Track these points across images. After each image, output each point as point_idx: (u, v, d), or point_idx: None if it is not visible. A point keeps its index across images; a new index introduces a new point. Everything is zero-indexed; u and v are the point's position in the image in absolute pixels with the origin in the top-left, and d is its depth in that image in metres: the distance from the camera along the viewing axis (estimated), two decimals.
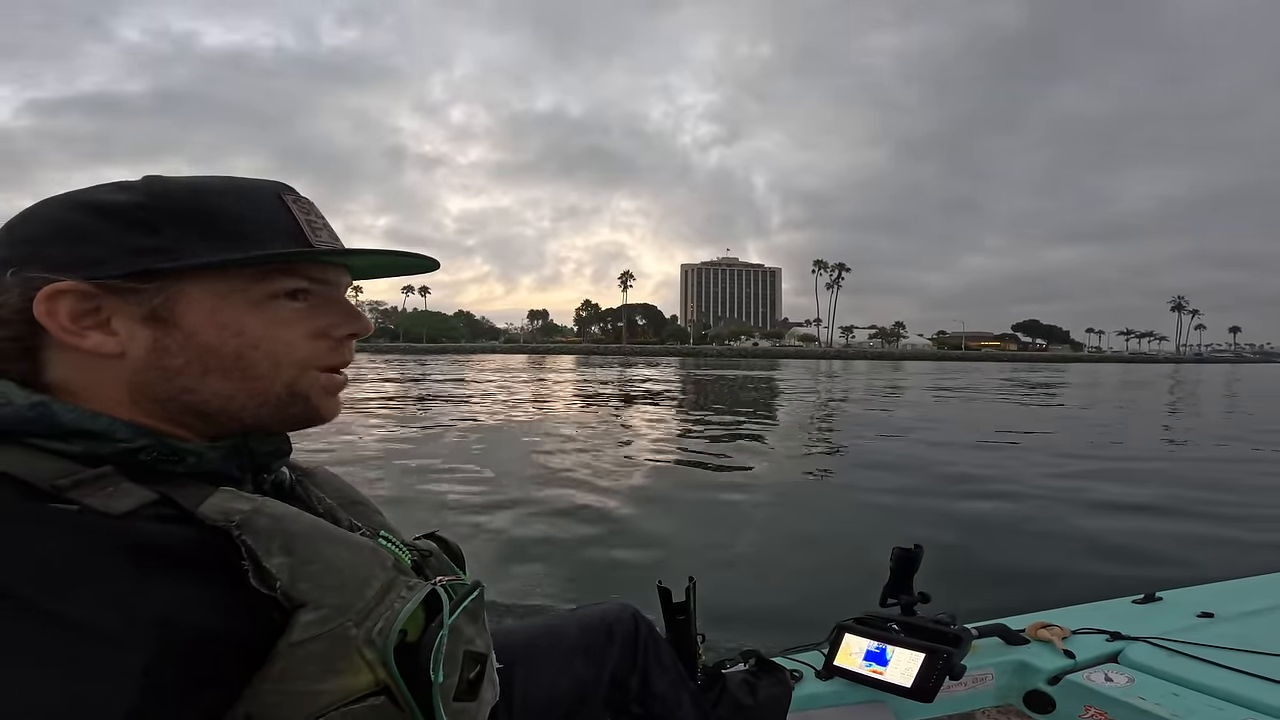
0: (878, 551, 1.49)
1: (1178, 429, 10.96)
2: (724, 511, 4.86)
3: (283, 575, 0.45)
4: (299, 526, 0.49)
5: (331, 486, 0.68)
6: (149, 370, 0.50)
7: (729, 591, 3.13)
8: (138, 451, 0.48)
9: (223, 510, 0.46)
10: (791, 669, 1.35)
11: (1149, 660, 1.35)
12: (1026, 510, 4.89)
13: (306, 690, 0.44)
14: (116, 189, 0.51)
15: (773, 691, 1.22)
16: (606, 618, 1.01)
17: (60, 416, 0.46)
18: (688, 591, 1.22)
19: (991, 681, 1.38)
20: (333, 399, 0.58)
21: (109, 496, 0.44)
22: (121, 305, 0.49)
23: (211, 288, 0.51)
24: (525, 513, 4.64)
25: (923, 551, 1.38)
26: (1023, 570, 3.56)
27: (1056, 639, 1.43)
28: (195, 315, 0.50)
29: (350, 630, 0.46)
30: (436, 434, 8.67)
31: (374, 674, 0.46)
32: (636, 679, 0.98)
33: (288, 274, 0.53)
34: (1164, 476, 6.39)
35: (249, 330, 0.52)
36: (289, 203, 0.55)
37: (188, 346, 0.50)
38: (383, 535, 0.62)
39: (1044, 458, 7.31)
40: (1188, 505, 5.14)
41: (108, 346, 0.49)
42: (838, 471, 6.54)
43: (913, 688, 1.23)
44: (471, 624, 0.57)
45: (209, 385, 0.51)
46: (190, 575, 0.43)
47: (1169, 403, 15.73)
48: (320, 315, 0.56)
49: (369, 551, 0.52)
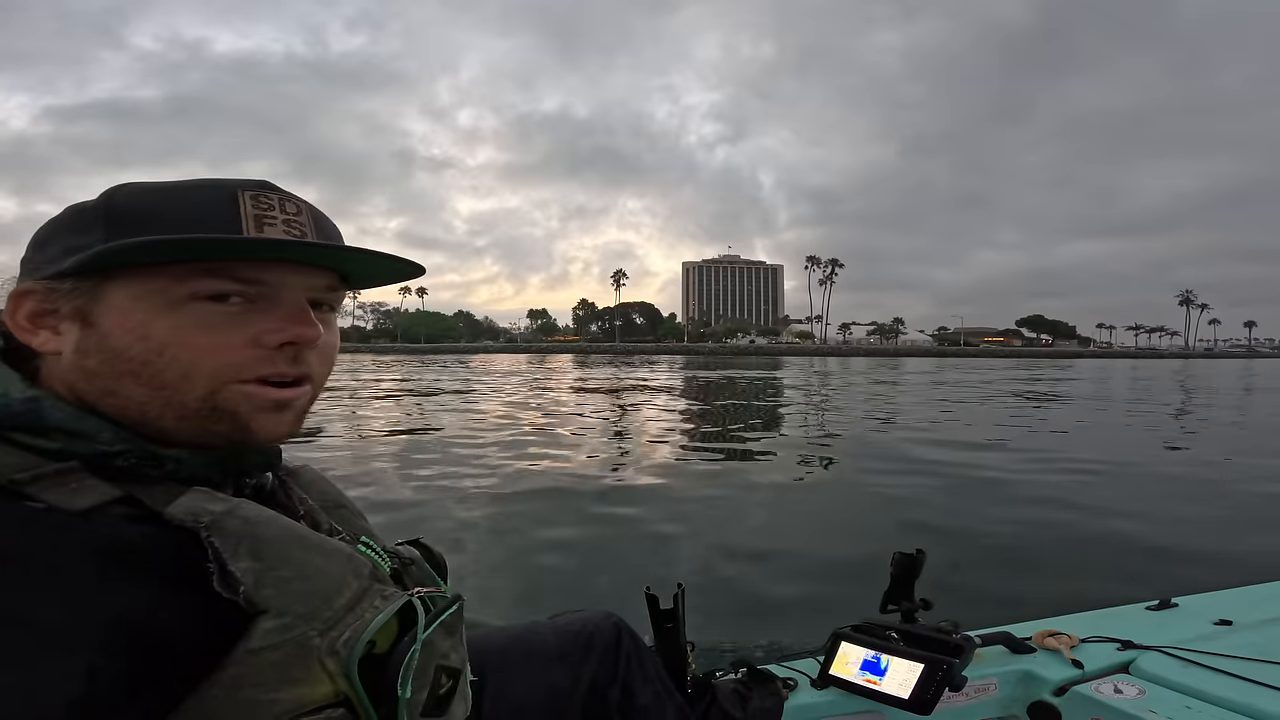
0: (880, 556, 1.43)
1: (1189, 426, 10.78)
2: (716, 515, 4.76)
3: (247, 580, 0.44)
4: (271, 531, 0.48)
5: (315, 489, 0.67)
6: (73, 370, 0.50)
7: (721, 597, 3.06)
8: (115, 455, 0.48)
9: (192, 511, 0.46)
10: (785, 677, 1.30)
11: (1162, 671, 1.29)
12: (1036, 514, 4.76)
13: (259, 699, 0.43)
14: (100, 196, 0.52)
15: (764, 704, 1.19)
16: (587, 626, 0.98)
17: (47, 414, 0.47)
18: (676, 598, 1.18)
19: (994, 692, 1.33)
20: (273, 415, 0.53)
21: (71, 493, 0.44)
22: (59, 303, 0.50)
23: (130, 289, 0.49)
24: (506, 514, 4.56)
25: (925, 556, 1.32)
26: (1030, 576, 3.45)
27: (1064, 647, 1.37)
28: (110, 317, 0.49)
29: (313, 640, 0.45)
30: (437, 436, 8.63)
31: (334, 685, 0.45)
32: (617, 690, 0.94)
33: (211, 275, 0.49)
34: (1178, 476, 6.24)
35: (154, 335, 0.49)
36: (246, 197, 0.51)
37: (101, 348, 0.50)
38: (363, 541, 0.61)
39: (1050, 458, 7.15)
40: (1205, 507, 4.99)
41: (49, 345, 0.50)
42: (835, 473, 6.42)
43: (910, 699, 1.18)
44: (447, 638, 0.55)
45: (124, 390, 0.50)
46: (150, 576, 0.43)
47: (1174, 402, 15.63)
48: (253, 321, 0.51)
49: (344, 559, 0.51)
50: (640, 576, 1.34)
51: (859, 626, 1.32)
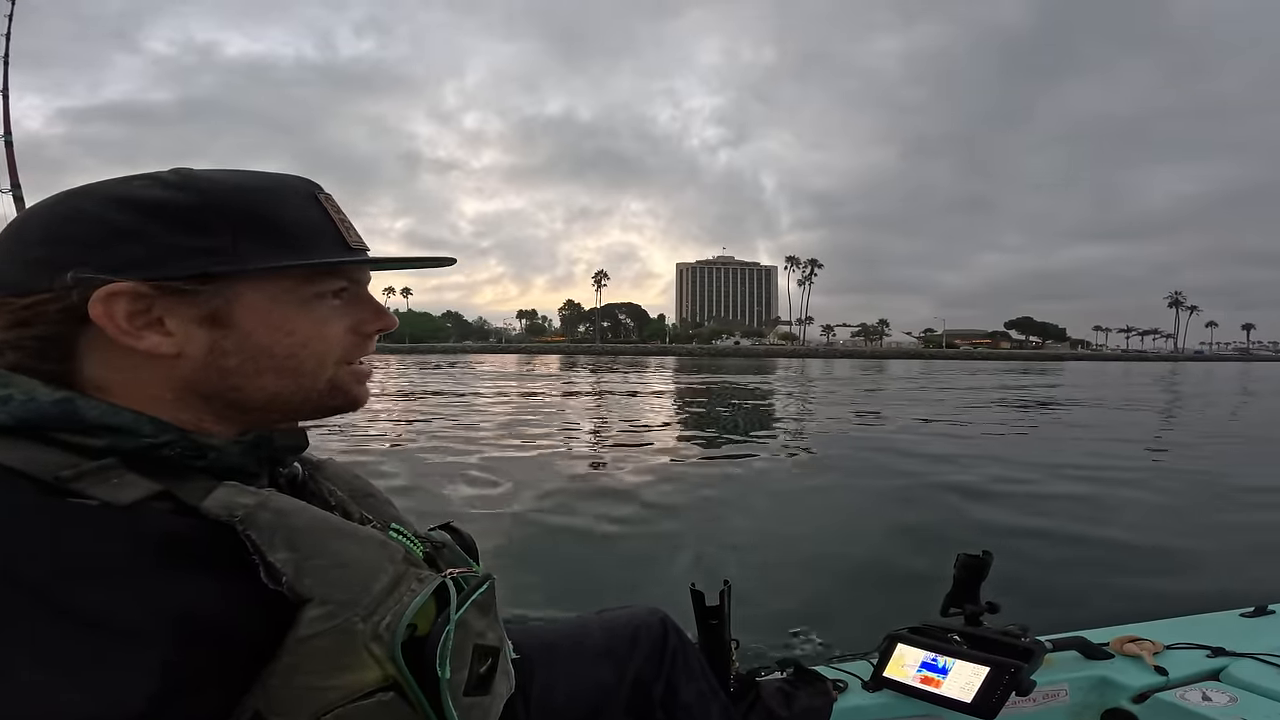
0: (941, 561, 1.38)
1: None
2: (763, 512, 4.71)
3: (288, 570, 0.45)
4: (303, 521, 0.48)
5: (342, 479, 0.68)
6: (204, 370, 0.51)
7: (768, 597, 2.97)
8: (161, 446, 0.48)
9: (226, 505, 0.46)
10: (835, 679, 1.26)
11: (1256, 678, 1.21)
12: (1105, 518, 4.51)
13: (314, 686, 0.44)
14: (153, 183, 0.50)
15: (811, 703, 1.17)
16: (633, 621, 0.99)
17: (84, 412, 0.47)
18: (722, 595, 1.17)
19: (1065, 698, 1.26)
20: (364, 386, 0.60)
21: (114, 488, 0.44)
22: (176, 306, 0.49)
23: (266, 290, 0.52)
24: (542, 514, 4.55)
25: (992, 558, 1.26)
26: (1103, 582, 3.21)
27: (1146, 654, 1.29)
28: (251, 317, 0.52)
29: (357, 625, 0.46)
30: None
31: (382, 669, 0.46)
32: (661, 686, 0.95)
33: (332, 275, 0.56)
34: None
35: (299, 330, 0.54)
36: (322, 202, 0.57)
37: (244, 347, 0.52)
38: (394, 528, 0.62)
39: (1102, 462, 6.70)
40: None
41: (164, 347, 0.49)
42: (887, 476, 6.11)
43: (973, 703, 1.13)
44: (482, 617, 0.56)
45: (259, 383, 0.53)
46: (205, 569, 0.44)
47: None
48: (353, 312, 0.58)
49: (378, 545, 0.51)
50: (684, 574, 1.26)
51: (916, 629, 1.27)
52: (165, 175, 0.51)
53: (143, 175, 0.52)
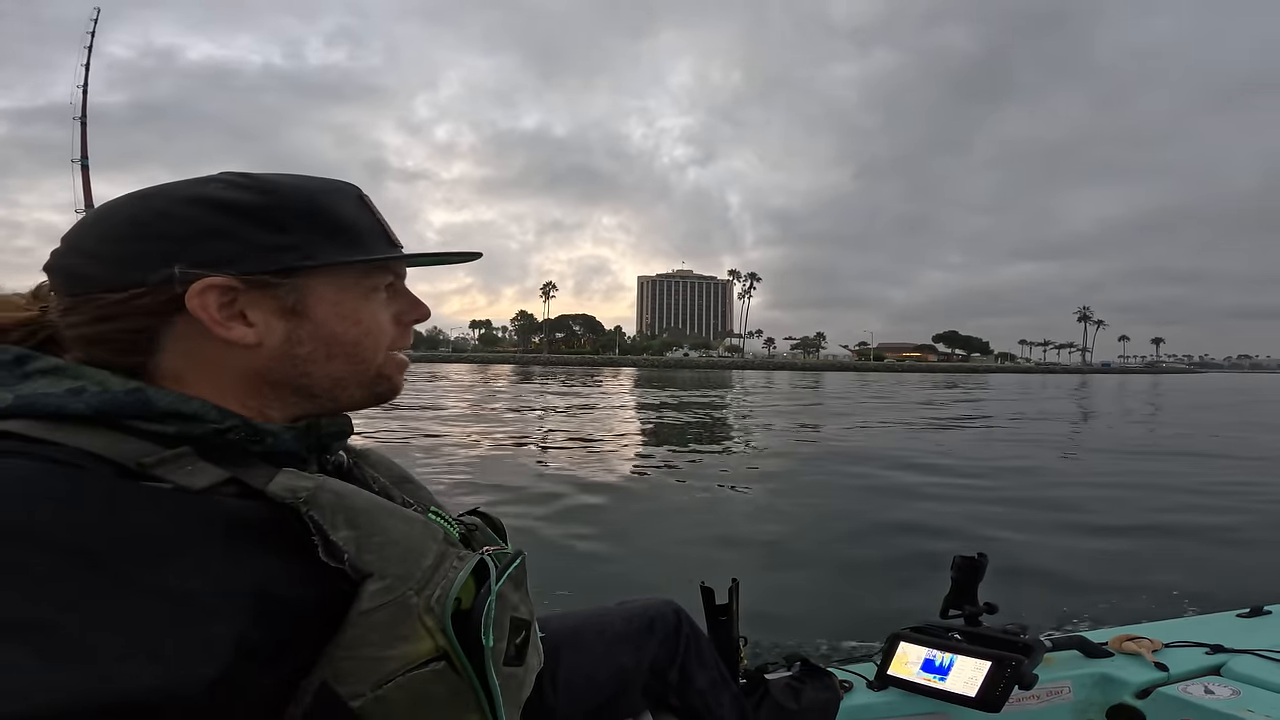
0: (938, 564, 1.41)
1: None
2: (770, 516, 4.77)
3: (349, 548, 0.47)
4: (360, 502, 0.51)
5: (384, 466, 0.72)
6: (280, 358, 0.55)
7: (775, 600, 3.00)
8: (226, 431, 0.51)
9: (289, 488, 0.48)
10: (841, 679, 1.26)
11: (1257, 673, 1.22)
12: (1099, 521, 4.59)
13: (375, 656, 0.46)
14: (228, 185, 0.53)
15: (819, 697, 1.20)
16: (649, 611, 1.03)
17: (156, 400, 0.49)
18: (730, 592, 1.20)
19: (1069, 694, 1.28)
20: (402, 374, 0.65)
21: (189, 474, 0.46)
22: (260, 299, 0.53)
23: (335, 283, 0.57)
24: (550, 517, 4.61)
25: (987, 560, 1.30)
26: (1100, 584, 3.23)
27: (1146, 651, 1.32)
28: (323, 308, 0.56)
29: (412, 599, 0.48)
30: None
31: (434, 640, 0.49)
32: (675, 672, 0.99)
33: (383, 270, 0.61)
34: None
35: (364, 319, 0.59)
36: (367, 202, 0.62)
37: (316, 335, 0.56)
38: (433, 510, 0.65)
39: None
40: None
41: (249, 337, 0.53)
42: (883, 477, 6.26)
43: (977, 697, 1.15)
44: (515, 591, 0.59)
45: (327, 369, 0.57)
46: (272, 548, 0.46)
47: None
48: (397, 303, 0.63)
49: (422, 525, 0.54)
50: (695, 572, 1.28)
51: (919, 628, 1.30)
52: (234, 178, 0.55)
53: (213, 178, 0.55)
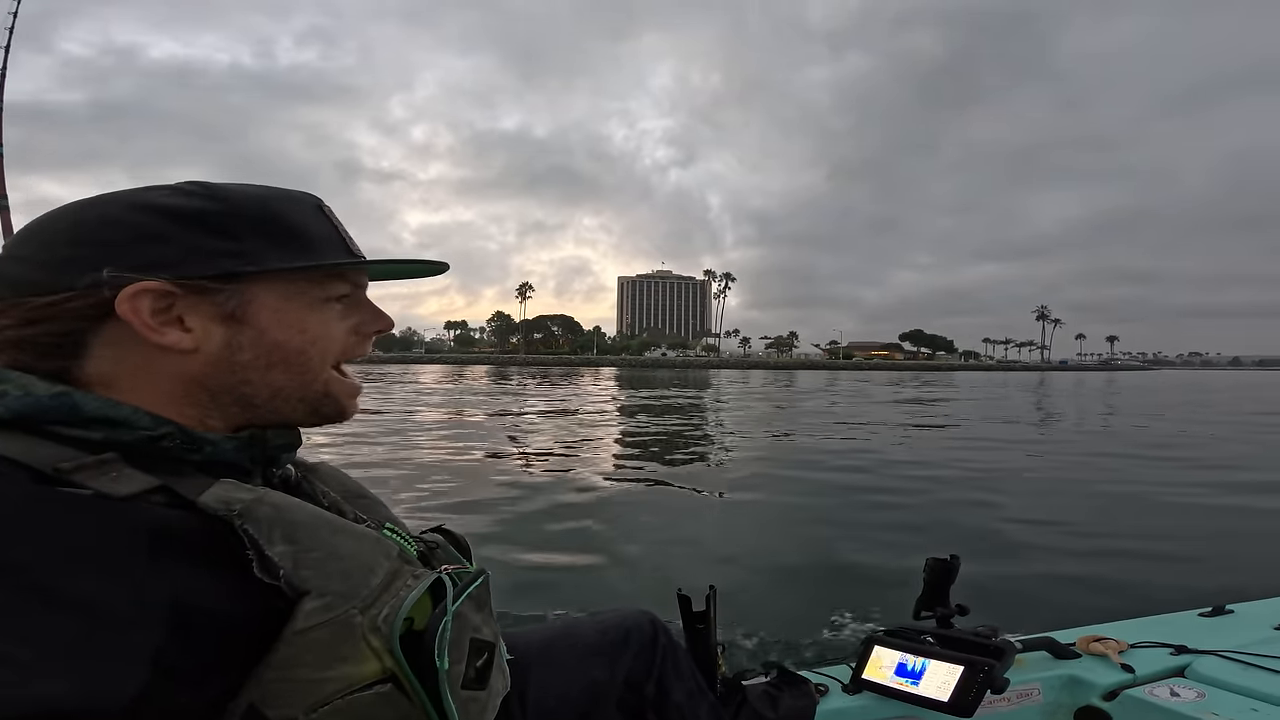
0: (911, 565, 1.43)
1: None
2: (742, 522, 4.79)
3: (285, 563, 0.46)
4: (301, 516, 0.49)
5: (335, 481, 0.69)
6: (217, 365, 0.53)
7: (751, 605, 2.94)
8: (160, 439, 0.49)
9: (223, 499, 0.47)
10: (816, 683, 1.27)
11: (1221, 674, 1.25)
12: (1065, 518, 4.67)
13: (311, 678, 0.44)
14: (173, 193, 0.53)
15: (796, 704, 1.19)
16: (625, 623, 1.01)
17: (82, 405, 0.48)
18: (708, 600, 1.18)
19: (1038, 697, 1.30)
20: (354, 401, 0.63)
21: (112, 481, 0.44)
22: (198, 304, 0.52)
23: (280, 291, 0.55)
24: (532, 522, 4.60)
25: (959, 562, 1.31)
26: (1067, 583, 3.30)
27: (1112, 652, 1.34)
28: (266, 315, 0.55)
29: (355, 618, 0.46)
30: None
31: (380, 661, 0.47)
32: (652, 686, 0.97)
33: (338, 279, 0.59)
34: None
35: (310, 329, 0.57)
36: (326, 213, 0.61)
37: (258, 342, 0.54)
38: (387, 527, 0.63)
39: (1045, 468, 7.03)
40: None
41: (184, 343, 0.52)
42: (854, 485, 6.28)
43: (950, 702, 1.16)
44: (477, 611, 0.57)
45: (268, 378, 0.55)
46: (198, 561, 0.44)
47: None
48: (354, 314, 0.62)
49: (373, 541, 0.52)
50: (672, 579, 1.28)
51: (892, 631, 1.30)
52: (187, 186, 0.54)
53: (161, 185, 0.54)
